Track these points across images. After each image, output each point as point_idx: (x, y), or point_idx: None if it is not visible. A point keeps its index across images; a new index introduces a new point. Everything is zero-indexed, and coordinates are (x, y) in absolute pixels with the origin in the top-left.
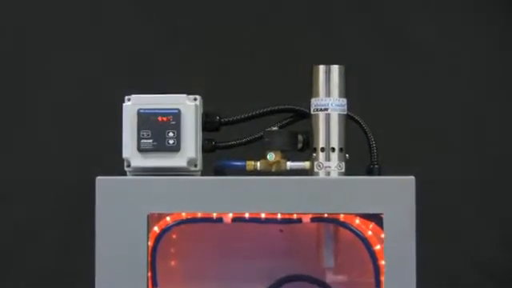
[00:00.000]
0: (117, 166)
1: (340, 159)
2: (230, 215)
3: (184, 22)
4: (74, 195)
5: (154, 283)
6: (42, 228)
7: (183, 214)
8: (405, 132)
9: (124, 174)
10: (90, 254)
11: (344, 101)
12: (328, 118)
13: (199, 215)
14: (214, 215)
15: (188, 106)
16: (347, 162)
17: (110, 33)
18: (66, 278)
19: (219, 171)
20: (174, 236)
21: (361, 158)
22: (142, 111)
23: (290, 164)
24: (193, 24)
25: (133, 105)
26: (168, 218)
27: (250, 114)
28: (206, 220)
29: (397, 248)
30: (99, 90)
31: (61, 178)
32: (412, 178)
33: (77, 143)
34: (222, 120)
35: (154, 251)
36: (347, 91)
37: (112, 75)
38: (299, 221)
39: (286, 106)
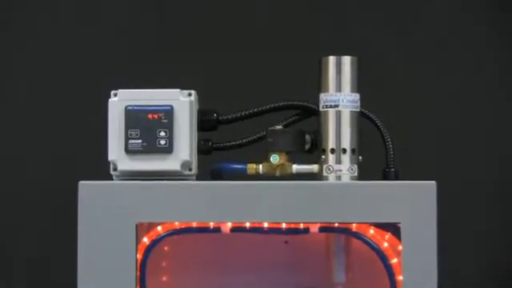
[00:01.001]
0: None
1: (352, 162)
2: (229, 225)
3: (180, 14)
4: (63, 199)
5: None
6: (28, 234)
7: (176, 224)
8: (406, 131)
9: (110, 178)
10: (74, 267)
11: (357, 96)
12: (339, 115)
13: (194, 225)
14: (211, 225)
15: (182, 103)
16: (360, 165)
17: (102, 27)
18: None
19: (217, 175)
20: (165, 248)
21: (376, 161)
22: (129, 108)
23: (296, 167)
24: (190, 16)
25: (119, 101)
26: (159, 228)
27: (251, 111)
28: (202, 230)
29: (416, 261)
30: (91, 87)
31: (48, 180)
32: (433, 182)
33: (68, 143)
34: (220, 118)
35: (143, 265)
36: (360, 85)
37: (106, 71)
38: (306, 231)
39: (292, 102)
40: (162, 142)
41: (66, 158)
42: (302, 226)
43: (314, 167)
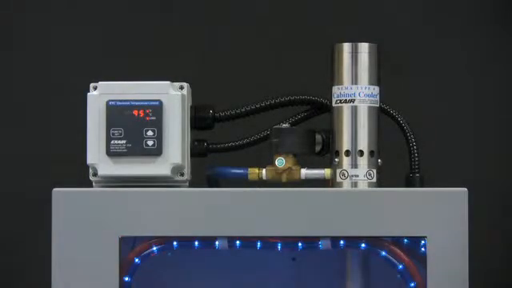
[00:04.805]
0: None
1: (370, 166)
2: (227, 239)
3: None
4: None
5: None
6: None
7: (166, 238)
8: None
9: (89, 184)
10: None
11: (376, 89)
12: (354, 111)
13: (187, 238)
14: (206, 239)
15: (172, 97)
16: (380, 170)
17: (78, 14)
18: None
19: (213, 181)
20: (154, 266)
21: (398, 165)
22: (112, 103)
23: (305, 172)
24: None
25: (100, 95)
26: (146, 243)
27: (252, 107)
28: (197, 245)
29: (444, 281)
30: (66, 79)
31: (17, 186)
32: (464, 189)
33: (41, 144)
34: (217, 115)
35: (127, 286)
36: (381, 77)
37: (84, 61)
38: (317, 246)
39: (300, 97)
40: (150, 142)
41: (39, 161)
42: (312, 240)
43: (326, 172)
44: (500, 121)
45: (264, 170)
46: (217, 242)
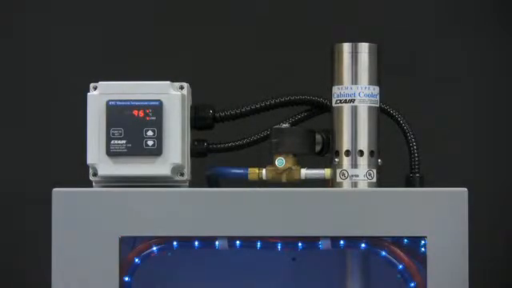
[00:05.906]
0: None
1: (370, 166)
2: (227, 239)
3: None
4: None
5: None
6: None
7: (166, 237)
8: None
9: (89, 184)
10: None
11: (376, 89)
12: (354, 111)
13: (187, 238)
14: (206, 239)
15: (172, 97)
16: (380, 170)
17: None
18: None
19: (213, 181)
20: (154, 266)
21: (398, 165)
22: (112, 103)
23: (305, 172)
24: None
25: (100, 95)
26: (147, 243)
27: (252, 107)
28: (196, 245)
29: (444, 281)
30: (66, 79)
31: (17, 186)
32: (464, 189)
33: (41, 144)
34: (217, 115)
35: (127, 286)
36: (381, 77)
37: (84, 61)
38: (317, 246)
39: (300, 97)
40: (150, 142)
41: (39, 161)
42: (312, 240)
43: (326, 172)
44: (500, 121)
45: (264, 170)
46: (217, 242)
